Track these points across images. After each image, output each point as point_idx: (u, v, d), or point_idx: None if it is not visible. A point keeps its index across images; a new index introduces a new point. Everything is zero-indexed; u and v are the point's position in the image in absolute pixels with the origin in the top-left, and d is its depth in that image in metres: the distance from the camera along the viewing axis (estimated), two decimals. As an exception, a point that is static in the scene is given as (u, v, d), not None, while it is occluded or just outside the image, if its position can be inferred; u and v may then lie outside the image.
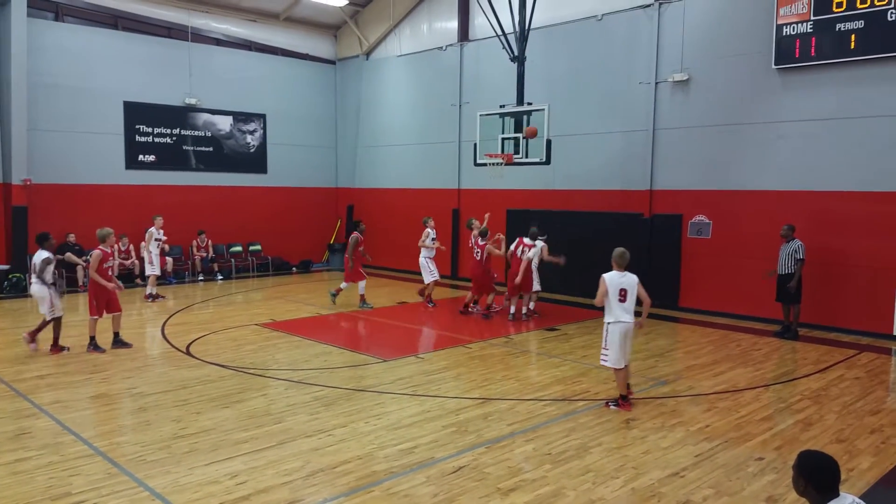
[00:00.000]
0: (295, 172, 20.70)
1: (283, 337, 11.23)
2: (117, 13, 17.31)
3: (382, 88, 20.32)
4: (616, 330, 7.45)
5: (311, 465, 5.95)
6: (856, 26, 11.24)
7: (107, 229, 10.38)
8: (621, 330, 7.45)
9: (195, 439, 6.56)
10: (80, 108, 16.61)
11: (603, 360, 7.61)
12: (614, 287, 7.42)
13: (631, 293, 7.45)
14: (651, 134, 14.10)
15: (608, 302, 7.42)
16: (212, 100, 18.82)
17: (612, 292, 7.41)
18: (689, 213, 13.71)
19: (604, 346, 7.57)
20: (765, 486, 5.61)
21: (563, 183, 15.63)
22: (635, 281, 7.50)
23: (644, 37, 14.14)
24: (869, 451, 6.41)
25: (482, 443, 6.50)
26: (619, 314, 7.44)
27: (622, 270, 7.52)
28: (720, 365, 9.63)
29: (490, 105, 14.28)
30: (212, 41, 19.01)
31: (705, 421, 7.21)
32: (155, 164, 17.96)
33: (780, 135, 12.39)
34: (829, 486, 3.22)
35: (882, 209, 11.33)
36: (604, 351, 7.57)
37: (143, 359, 9.76)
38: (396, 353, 10.18)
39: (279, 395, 8.07)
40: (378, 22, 20.09)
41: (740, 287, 12.95)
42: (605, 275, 7.49)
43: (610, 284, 7.43)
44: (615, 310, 7.44)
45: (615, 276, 7.49)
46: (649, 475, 5.79)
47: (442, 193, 18.55)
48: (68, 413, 7.32)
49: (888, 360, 10.16)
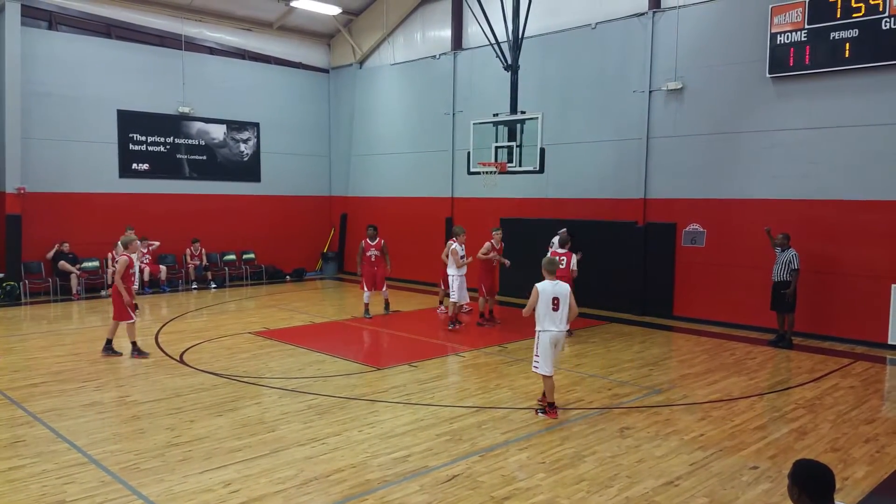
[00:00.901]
0: (288, 181, 20.70)
1: (276, 345, 11.19)
2: (111, 22, 17.31)
3: (376, 97, 20.36)
4: (546, 338, 7.50)
5: (305, 473, 5.92)
6: (850, 35, 11.32)
7: (130, 235, 10.37)
8: (552, 338, 7.51)
9: (189, 447, 6.52)
10: (73, 116, 16.59)
11: (535, 368, 7.66)
12: (547, 296, 7.45)
13: (563, 302, 7.48)
14: (645, 142, 14.15)
15: (539, 311, 7.47)
16: (205, 108, 18.81)
17: (545, 301, 7.44)
18: (683, 222, 13.74)
19: (535, 353, 7.61)
20: (759, 495, 5.60)
21: (557, 191, 15.66)
22: (567, 290, 7.55)
23: (638, 45, 14.21)
24: (863, 461, 6.41)
25: (476, 451, 6.48)
26: (549, 324, 7.48)
27: (553, 279, 7.57)
28: (714, 374, 9.63)
29: (483, 113, 14.31)
30: (205, 50, 19.02)
31: (699, 430, 7.20)
32: (148, 173, 17.92)
33: (774, 143, 12.45)
34: (824, 495, 3.22)
35: (875, 218, 11.38)
36: (535, 358, 7.61)
37: (137, 367, 9.70)
38: (390, 362, 10.15)
39: (273, 403, 8.03)
40: (371, 30, 20.15)
41: (734, 296, 12.97)
42: (539, 284, 7.52)
43: (542, 293, 7.46)
44: (545, 319, 7.48)
45: (548, 285, 7.52)
46: (643, 484, 5.78)
47: (435, 202, 18.56)
48: (62, 421, 7.28)
49: (882, 368, 10.18)
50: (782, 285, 11.25)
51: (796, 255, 11.16)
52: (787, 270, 11.18)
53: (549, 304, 7.45)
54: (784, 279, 11.21)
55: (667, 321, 13.63)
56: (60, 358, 10.18)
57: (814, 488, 3.22)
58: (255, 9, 19.11)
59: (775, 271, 11.37)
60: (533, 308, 7.48)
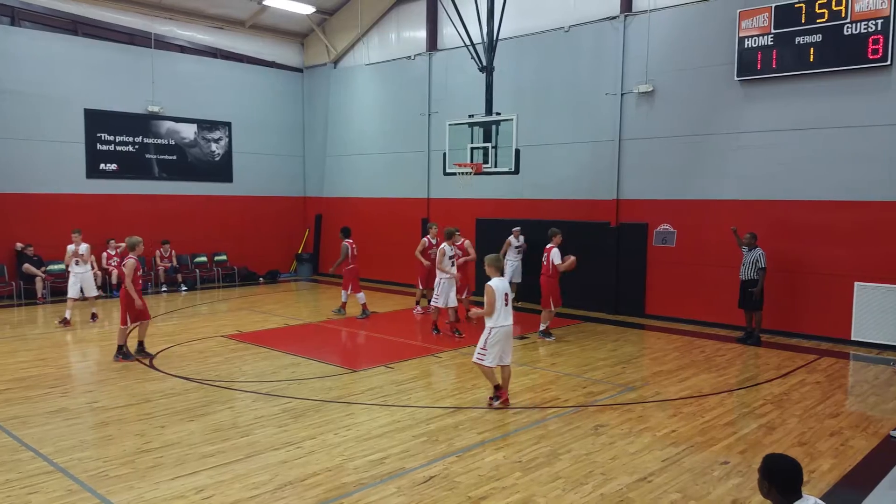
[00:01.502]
0: (261, 181, 20.51)
1: (249, 348, 11.09)
2: (77, 19, 16.99)
3: (350, 97, 20.28)
4: (502, 333, 7.69)
5: (280, 478, 5.88)
6: (814, 40, 11.56)
7: (136, 237, 10.30)
8: (506, 333, 7.72)
9: (160, 453, 6.43)
10: (39, 115, 16.26)
11: (479, 360, 7.77)
12: (500, 293, 7.67)
13: (510, 296, 7.78)
14: (617, 144, 14.30)
15: (497, 309, 7.63)
16: (176, 107, 18.57)
17: (500, 298, 7.65)
18: (655, 222, 13.91)
19: (482, 346, 7.73)
20: (730, 490, 5.69)
21: (532, 192, 15.75)
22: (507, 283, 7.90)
23: (610, 48, 14.35)
24: (829, 454, 6.56)
25: (453, 452, 6.49)
26: (503, 319, 7.69)
27: (500, 275, 7.80)
28: (685, 371, 9.77)
29: (459, 114, 14.34)
30: (176, 48, 18.77)
31: (671, 426, 7.30)
32: (117, 173, 17.64)
33: (741, 145, 12.67)
34: (792, 487, 3.31)
35: (839, 217, 11.64)
36: (482, 351, 7.72)
37: (105, 372, 9.54)
38: (366, 364, 10.13)
39: (246, 407, 7.96)
40: (346, 30, 20.06)
41: (704, 294, 13.17)
42: (492, 283, 7.69)
43: (498, 291, 7.66)
44: (500, 314, 7.67)
45: (499, 282, 7.73)
46: (618, 481, 5.84)
47: (411, 202, 18.54)
48: (27, 429, 7.12)
49: (846, 364, 10.42)
50: (750, 284, 11.44)
51: (763, 255, 11.36)
52: (754, 269, 11.37)
53: (503, 300, 7.66)
54: (751, 278, 11.41)
55: (639, 320, 13.80)
56: (25, 364, 9.96)
57: (783, 482, 3.32)
58: (227, 7, 18.91)
59: (743, 270, 11.56)
60: (494, 306, 7.61)
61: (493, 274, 7.79)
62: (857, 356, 10.86)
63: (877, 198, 11.26)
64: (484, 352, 7.73)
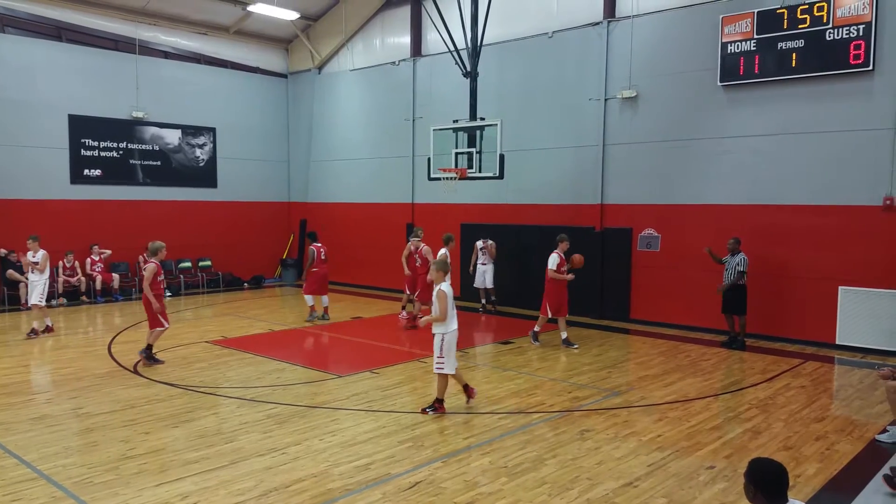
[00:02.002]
0: (246, 187, 20.41)
1: (234, 354, 11.02)
2: (61, 25, 16.87)
3: (335, 102, 20.25)
4: (453, 338, 7.69)
5: (265, 484, 5.84)
6: (796, 45, 11.69)
7: (159, 242, 10.31)
8: (455, 336, 7.74)
9: (144, 460, 6.38)
10: (23, 121, 16.10)
11: (438, 369, 7.73)
12: (450, 297, 7.67)
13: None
14: (601, 149, 14.36)
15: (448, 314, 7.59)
16: (160, 113, 18.45)
17: (451, 303, 7.64)
18: (639, 227, 13.98)
19: (438, 354, 7.68)
20: (716, 494, 5.71)
21: (516, 197, 15.78)
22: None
23: (594, 54, 14.42)
24: (814, 458, 6.60)
25: (438, 457, 6.48)
26: (453, 323, 7.69)
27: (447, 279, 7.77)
28: (671, 375, 9.81)
29: (443, 120, 14.36)
30: (160, 54, 18.67)
31: (657, 431, 7.32)
32: (101, 179, 17.49)
33: (725, 150, 12.76)
34: (778, 492, 3.32)
35: (823, 221, 11.75)
36: (440, 360, 7.68)
37: (89, 378, 9.43)
38: (351, 369, 10.08)
39: (231, 413, 7.91)
40: (330, 36, 20.04)
41: (688, 299, 13.24)
42: (443, 286, 7.63)
43: (449, 296, 7.65)
44: (452, 319, 7.67)
45: (448, 287, 7.70)
46: (604, 486, 5.85)
47: (396, 208, 18.52)
48: (10, 435, 7.04)
49: (831, 368, 10.50)
50: (732, 288, 11.52)
51: (745, 259, 11.46)
52: (734, 274, 11.47)
53: (453, 305, 7.68)
54: (733, 282, 11.50)
55: (624, 324, 13.84)
56: (8, 370, 9.85)
57: (769, 486, 3.32)
58: (212, 13, 18.84)
59: (725, 276, 11.65)
60: (446, 311, 7.56)
61: (440, 279, 7.68)
62: (842, 360, 10.94)
63: (860, 202, 11.37)
64: (442, 360, 7.67)
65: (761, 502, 3.35)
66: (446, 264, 7.86)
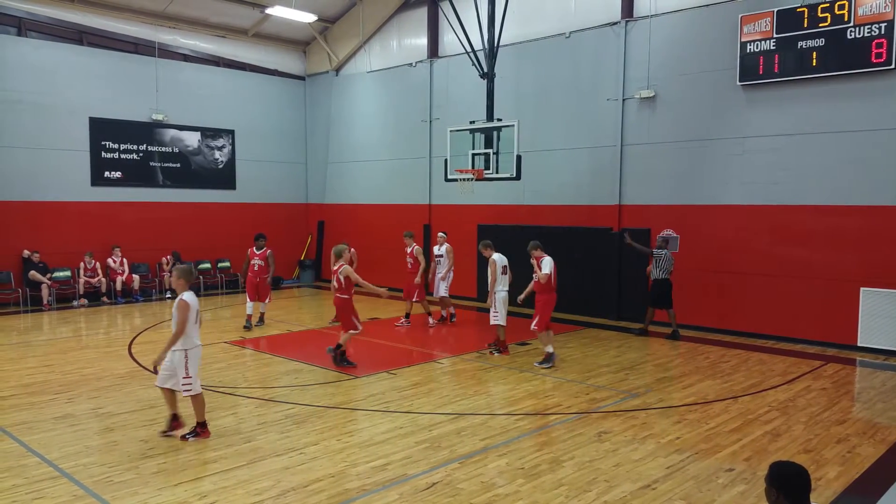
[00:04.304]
0: (264, 188, 20.56)
1: (252, 355, 11.09)
2: (82, 28, 17.09)
3: (352, 104, 20.33)
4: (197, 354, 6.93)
5: (282, 484, 5.87)
6: (817, 44, 11.56)
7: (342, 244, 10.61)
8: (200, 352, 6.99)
9: (163, 459, 6.43)
10: (44, 124, 16.34)
11: (186, 392, 6.88)
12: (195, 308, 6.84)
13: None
14: (619, 150, 14.29)
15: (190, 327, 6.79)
16: (179, 115, 18.64)
17: (195, 316, 6.84)
18: (658, 228, 13.88)
19: (185, 375, 6.82)
20: (735, 497, 5.66)
21: (533, 198, 15.75)
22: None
23: (611, 54, 14.36)
24: (836, 461, 6.52)
25: (455, 458, 6.47)
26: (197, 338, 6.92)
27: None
28: (689, 377, 9.73)
29: (460, 121, 14.37)
30: (179, 57, 18.85)
31: (676, 433, 7.27)
32: (121, 181, 17.70)
33: (745, 150, 12.65)
34: (801, 496, 3.26)
35: (843, 222, 11.61)
36: (185, 381, 6.84)
37: (110, 378, 9.54)
38: (368, 370, 10.11)
39: (249, 413, 7.96)
40: (347, 38, 20.13)
41: (708, 300, 13.12)
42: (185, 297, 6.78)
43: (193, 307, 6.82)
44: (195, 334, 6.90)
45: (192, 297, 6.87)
46: (621, 488, 5.82)
47: (413, 209, 18.56)
48: (33, 434, 7.14)
49: (853, 370, 10.36)
50: (661, 283, 12.38)
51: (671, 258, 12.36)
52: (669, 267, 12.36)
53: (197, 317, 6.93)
54: (664, 277, 12.30)
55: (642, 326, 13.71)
56: (31, 370, 9.99)
57: (791, 490, 3.26)
58: (230, 16, 18.99)
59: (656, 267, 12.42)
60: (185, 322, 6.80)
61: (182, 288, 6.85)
62: (864, 362, 10.80)
63: (882, 202, 11.22)
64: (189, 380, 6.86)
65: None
66: (190, 273, 7.04)
